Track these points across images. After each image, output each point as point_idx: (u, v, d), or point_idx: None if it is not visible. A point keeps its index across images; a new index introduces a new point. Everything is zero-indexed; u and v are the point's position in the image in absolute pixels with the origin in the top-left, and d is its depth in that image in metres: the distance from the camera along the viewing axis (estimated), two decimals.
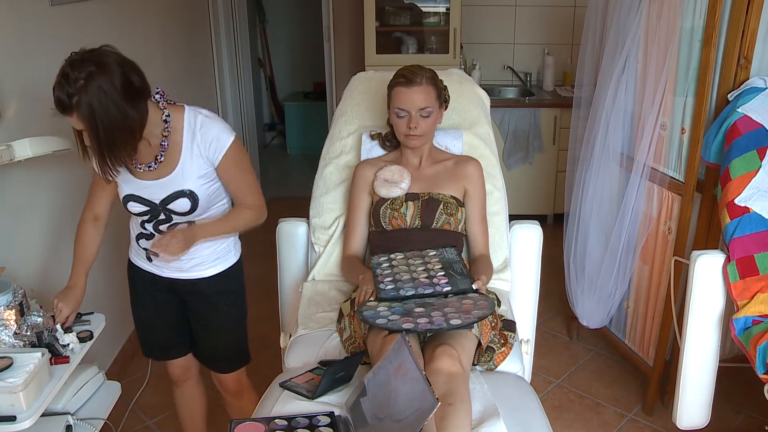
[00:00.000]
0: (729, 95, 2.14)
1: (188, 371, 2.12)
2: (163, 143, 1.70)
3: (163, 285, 1.91)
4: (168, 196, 1.73)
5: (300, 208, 2.42)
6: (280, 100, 6.40)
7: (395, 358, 1.44)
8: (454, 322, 1.59)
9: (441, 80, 1.99)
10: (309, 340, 1.89)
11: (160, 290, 1.93)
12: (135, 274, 1.96)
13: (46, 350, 1.59)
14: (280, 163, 5.96)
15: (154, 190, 1.74)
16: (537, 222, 2.19)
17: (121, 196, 1.77)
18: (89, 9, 2.55)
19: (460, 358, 1.56)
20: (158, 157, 1.69)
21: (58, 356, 1.63)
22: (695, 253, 2.05)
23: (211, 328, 1.96)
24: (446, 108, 2.05)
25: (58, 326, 1.69)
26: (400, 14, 4.27)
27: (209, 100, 4.38)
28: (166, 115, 1.71)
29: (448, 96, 2.04)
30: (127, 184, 1.74)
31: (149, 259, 1.88)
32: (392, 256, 1.92)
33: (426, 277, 1.79)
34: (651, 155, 2.38)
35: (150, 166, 1.71)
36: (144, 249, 1.85)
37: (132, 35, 3.02)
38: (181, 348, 2.04)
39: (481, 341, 1.70)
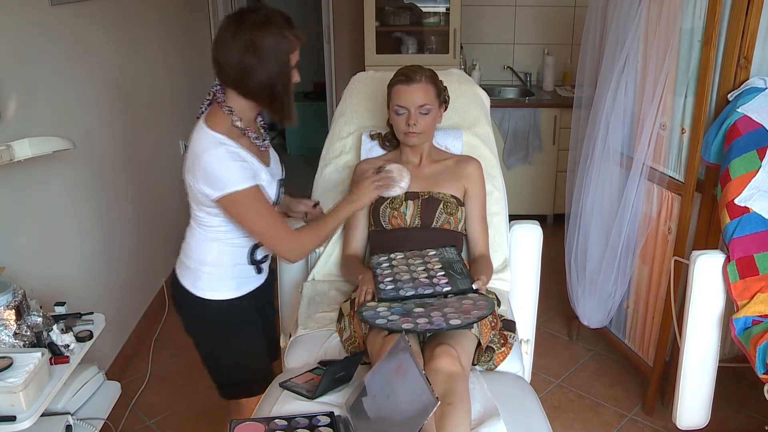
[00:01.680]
0: (729, 95, 2.14)
1: None
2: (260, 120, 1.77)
3: (262, 295, 1.87)
4: (283, 168, 1.84)
5: None
6: None
7: (395, 358, 1.44)
8: (454, 322, 1.59)
9: (441, 81, 1.99)
10: (309, 340, 1.89)
11: (259, 306, 1.87)
12: (239, 308, 1.80)
13: (46, 350, 1.59)
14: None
15: (278, 168, 1.81)
16: (537, 222, 2.19)
17: (275, 189, 1.74)
18: (89, 9, 2.55)
19: (459, 357, 1.56)
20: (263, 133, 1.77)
21: (57, 356, 1.63)
22: (695, 253, 2.05)
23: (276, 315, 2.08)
24: (446, 109, 2.05)
25: (54, 326, 1.69)
26: (400, 14, 4.27)
27: None
28: None
29: (448, 97, 2.04)
30: (271, 171, 1.73)
31: (260, 271, 1.82)
32: (392, 255, 1.92)
33: (426, 277, 1.79)
34: (651, 155, 2.38)
35: (265, 142, 1.74)
36: (256, 261, 1.79)
37: (132, 35, 3.02)
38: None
39: (481, 341, 1.70)
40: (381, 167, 1.97)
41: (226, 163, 1.57)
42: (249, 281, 1.81)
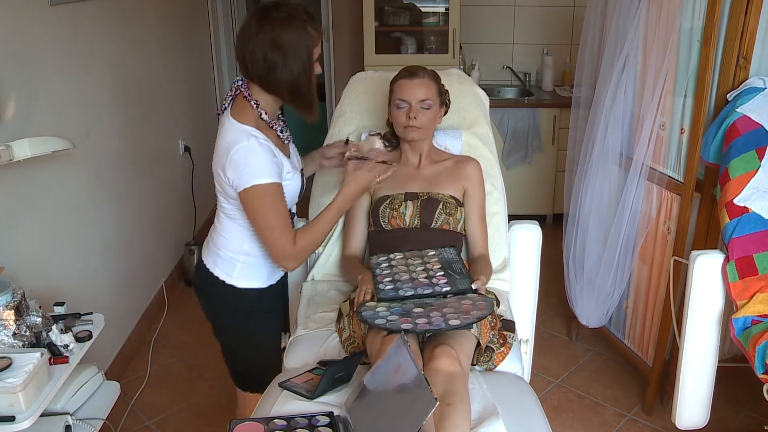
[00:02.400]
0: (728, 95, 2.15)
1: None
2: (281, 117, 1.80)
3: (282, 286, 1.98)
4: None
5: (299, 208, 2.42)
6: None
7: (394, 358, 1.44)
8: (453, 322, 1.59)
9: (443, 84, 2.00)
10: (308, 340, 1.89)
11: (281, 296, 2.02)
12: (268, 297, 1.90)
13: (46, 350, 1.59)
14: None
15: (298, 160, 1.87)
16: (536, 222, 2.19)
17: (299, 178, 1.80)
18: (89, 9, 2.55)
19: (459, 358, 1.56)
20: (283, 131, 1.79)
21: (57, 356, 1.63)
22: (694, 253, 2.05)
23: None
24: (446, 112, 2.05)
25: (54, 326, 1.69)
26: (399, 14, 4.27)
27: (208, 100, 4.38)
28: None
29: (449, 100, 2.04)
30: (292, 162, 1.78)
31: None
32: (391, 256, 1.92)
33: (425, 278, 1.80)
34: (650, 155, 2.38)
35: (287, 135, 1.81)
36: None
37: (131, 35, 3.02)
38: None
39: (480, 341, 1.70)
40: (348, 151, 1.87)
41: (256, 155, 1.61)
42: (278, 270, 1.88)
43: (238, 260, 1.79)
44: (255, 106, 1.66)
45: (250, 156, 1.61)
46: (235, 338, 1.92)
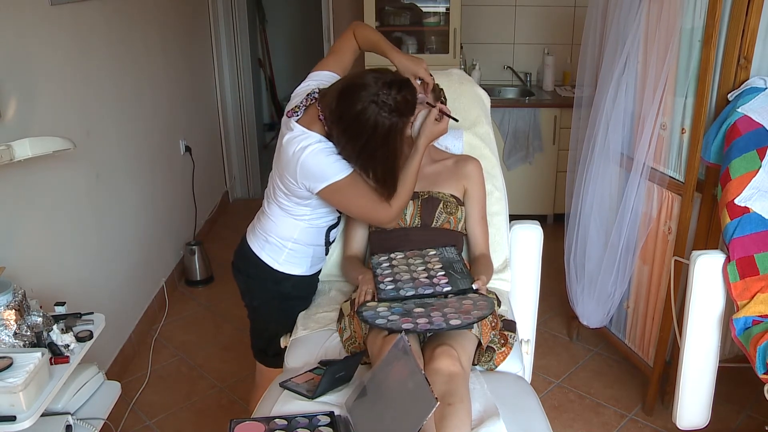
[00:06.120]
0: (729, 95, 2.14)
1: None
2: None
3: (315, 276, 2.10)
4: None
5: None
6: (280, 100, 6.39)
7: (395, 358, 1.44)
8: (454, 322, 1.59)
9: (437, 84, 1.99)
10: (309, 340, 1.89)
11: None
12: (306, 284, 2.05)
13: (46, 350, 1.59)
14: None
15: None
16: (537, 222, 2.19)
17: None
18: (89, 9, 2.55)
19: (459, 358, 1.56)
20: None
21: (57, 356, 1.63)
22: (695, 253, 2.05)
23: None
24: None
25: (54, 326, 1.69)
26: (400, 14, 4.27)
27: (209, 100, 4.38)
28: None
29: (445, 98, 2.03)
30: None
31: (327, 252, 2.05)
32: (392, 255, 1.92)
33: (426, 277, 1.79)
34: (651, 155, 2.38)
35: None
36: (329, 242, 2.00)
37: (132, 35, 3.02)
38: None
39: (481, 341, 1.70)
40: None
41: (324, 157, 1.71)
42: (319, 262, 2.03)
43: (285, 247, 1.91)
44: (328, 129, 1.74)
45: (319, 158, 1.70)
46: (265, 317, 2.05)
